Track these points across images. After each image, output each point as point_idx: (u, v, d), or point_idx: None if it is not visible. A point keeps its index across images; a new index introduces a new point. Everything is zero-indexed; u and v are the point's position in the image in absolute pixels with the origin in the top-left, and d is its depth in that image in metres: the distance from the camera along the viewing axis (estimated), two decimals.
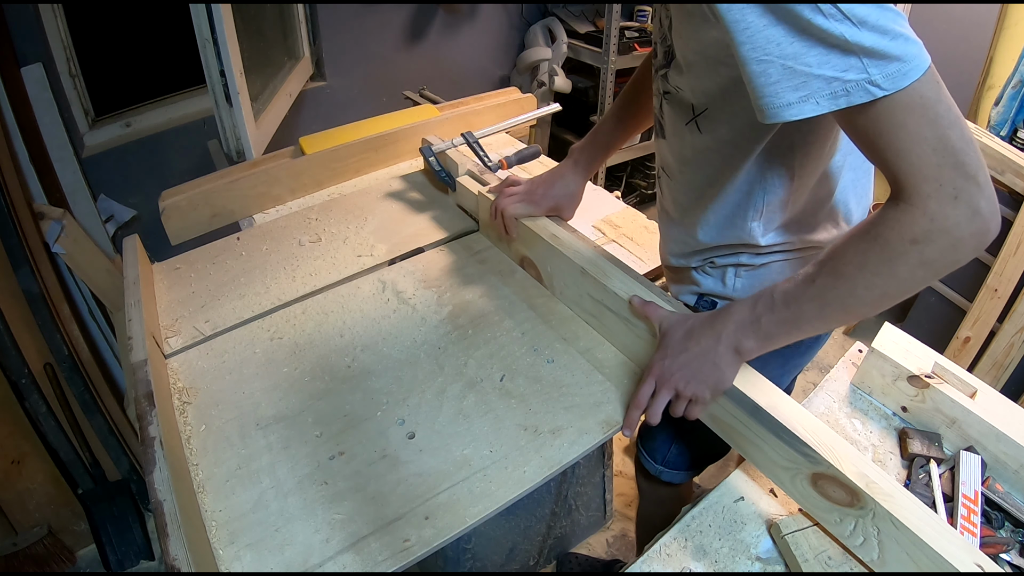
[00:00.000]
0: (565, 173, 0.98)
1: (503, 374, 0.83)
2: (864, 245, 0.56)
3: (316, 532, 0.65)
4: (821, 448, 0.62)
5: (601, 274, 0.84)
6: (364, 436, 0.75)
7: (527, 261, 0.99)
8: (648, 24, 2.48)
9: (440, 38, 2.37)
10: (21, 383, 1.38)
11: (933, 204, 0.50)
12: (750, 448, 0.70)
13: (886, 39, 0.47)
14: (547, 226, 0.95)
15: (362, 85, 2.24)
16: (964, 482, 0.74)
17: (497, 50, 2.59)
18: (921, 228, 0.51)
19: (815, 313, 0.60)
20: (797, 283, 0.61)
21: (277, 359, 0.87)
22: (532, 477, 0.70)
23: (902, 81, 0.47)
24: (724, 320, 0.67)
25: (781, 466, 0.67)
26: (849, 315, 0.60)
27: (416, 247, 1.07)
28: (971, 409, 0.77)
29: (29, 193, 1.57)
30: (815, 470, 0.63)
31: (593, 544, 1.58)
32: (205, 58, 1.22)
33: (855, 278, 0.56)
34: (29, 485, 1.49)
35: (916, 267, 0.53)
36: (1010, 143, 1.70)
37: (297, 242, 1.11)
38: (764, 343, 0.65)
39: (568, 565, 1.50)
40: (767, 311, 0.63)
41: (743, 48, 0.50)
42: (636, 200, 2.79)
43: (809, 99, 0.50)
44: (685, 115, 0.72)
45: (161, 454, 0.65)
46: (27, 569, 1.47)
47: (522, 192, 0.98)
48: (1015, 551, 0.70)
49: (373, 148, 1.34)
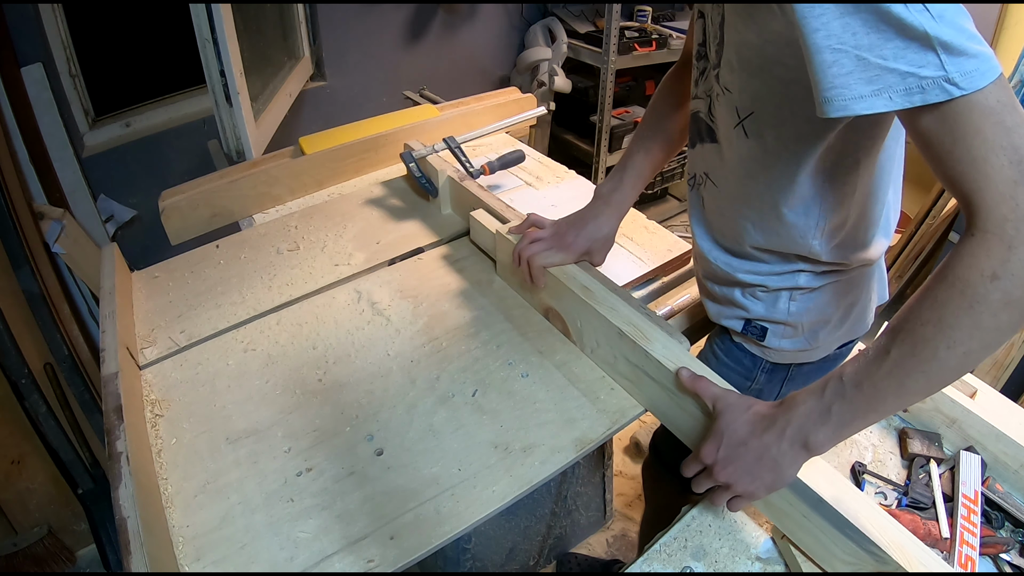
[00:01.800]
0: (598, 215, 0.90)
1: (476, 389, 0.81)
2: (941, 295, 0.49)
3: (281, 550, 0.64)
4: (891, 549, 0.57)
5: (642, 338, 0.76)
6: (333, 452, 0.74)
7: (552, 313, 0.91)
8: (648, 24, 2.49)
9: (440, 38, 2.37)
10: (21, 383, 1.38)
11: (1011, 228, 0.45)
12: (803, 535, 0.65)
13: (963, 37, 0.44)
14: (576, 275, 0.86)
15: (362, 85, 2.24)
16: (964, 482, 0.74)
17: (497, 50, 2.59)
18: (1000, 259, 0.46)
19: (893, 391, 0.53)
20: (869, 359, 0.55)
21: (250, 371, 0.85)
22: (500, 497, 0.68)
23: (980, 81, 0.45)
24: (788, 413, 0.59)
25: (841, 559, 0.62)
26: (931, 386, 0.53)
27: (394, 255, 1.05)
28: (971, 409, 0.77)
29: (29, 193, 1.57)
30: (881, 569, 0.59)
31: (593, 544, 1.58)
32: (205, 58, 1.22)
33: (935, 340, 0.49)
34: (29, 485, 1.49)
35: (1000, 310, 0.47)
36: None
37: (275, 250, 1.09)
38: (837, 434, 0.58)
39: (568, 565, 1.50)
40: (837, 398, 0.56)
41: (816, 36, 0.47)
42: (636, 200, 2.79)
43: (882, 93, 0.47)
44: (732, 118, 0.68)
45: (127, 470, 0.65)
46: (27, 569, 1.47)
47: (549, 237, 0.90)
48: (1015, 551, 0.70)
49: (373, 148, 1.34)
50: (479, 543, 1.29)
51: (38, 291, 1.44)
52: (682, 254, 1.06)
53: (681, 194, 3.01)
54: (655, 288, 1.05)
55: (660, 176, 2.73)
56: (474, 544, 1.28)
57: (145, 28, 1.90)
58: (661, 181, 2.76)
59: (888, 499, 0.75)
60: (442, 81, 2.38)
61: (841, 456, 0.80)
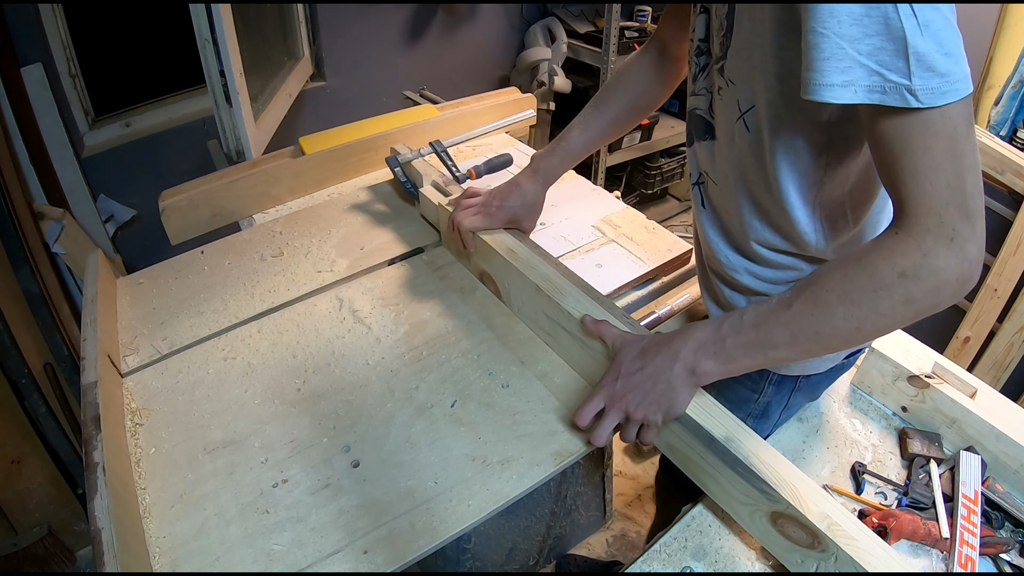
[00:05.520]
0: (522, 183, 0.93)
1: (455, 399, 0.80)
2: (852, 272, 0.54)
3: (255, 563, 0.64)
4: (781, 486, 0.59)
5: (556, 292, 0.81)
6: (308, 463, 0.73)
7: (487, 276, 0.96)
8: (648, 24, 2.49)
9: (440, 38, 2.38)
10: (21, 383, 1.38)
11: (929, 240, 0.50)
12: (707, 480, 0.68)
13: (940, 52, 0.46)
14: (504, 240, 0.90)
15: (362, 85, 2.24)
16: (964, 482, 0.74)
17: (497, 50, 2.59)
18: (912, 262, 0.50)
19: (786, 340, 0.57)
20: (771, 306, 0.58)
21: (229, 380, 0.84)
22: (476, 512, 0.67)
23: (938, 99, 0.46)
24: (683, 339, 0.63)
25: (739, 501, 0.64)
26: (821, 346, 0.57)
27: (377, 262, 1.04)
28: (971, 409, 0.77)
29: (29, 193, 1.58)
30: (774, 508, 0.61)
31: (593, 544, 1.58)
32: (205, 58, 1.22)
33: (835, 307, 0.54)
34: (29, 485, 1.49)
35: (899, 303, 0.52)
36: (1010, 143, 1.70)
37: (260, 256, 1.07)
38: (725, 367, 0.62)
39: (567, 567, 1.50)
40: (733, 332, 0.60)
41: (807, 14, 0.48)
42: (636, 200, 2.79)
43: (849, 86, 0.48)
44: (733, 112, 0.68)
45: (103, 480, 0.64)
46: (27, 569, 1.48)
47: (478, 204, 0.94)
48: (1015, 551, 0.70)
49: (373, 148, 1.34)
50: (479, 543, 1.29)
51: (38, 291, 1.44)
52: (682, 254, 1.06)
53: (681, 194, 3.01)
54: (655, 288, 1.05)
55: (660, 176, 2.73)
56: (474, 544, 1.28)
57: (145, 28, 1.90)
58: (661, 181, 2.76)
59: (888, 499, 0.75)
60: (442, 81, 2.38)
61: (841, 456, 0.80)
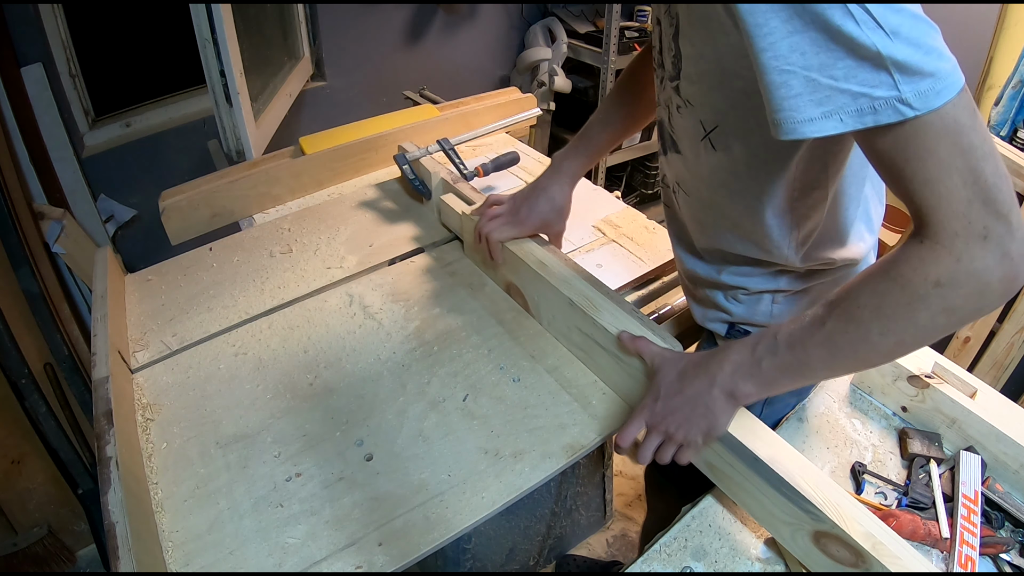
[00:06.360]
0: (548, 186, 0.91)
1: (467, 393, 0.81)
2: (882, 286, 0.51)
3: (269, 556, 0.64)
4: (826, 506, 0.59)
5: (590, 307, 0.79)
6: (322, 457, 0.74)
7: (513, 288, 0.93)
8: (648, 24, 2.49)
9: (440, 38, 2.37)
10: (21, 383, 1.38)
11: (960, 244, 0.46)
12: (747, 499, 0.67)
13: (920, 53, 0.43)
14: (533, 251, 0.88)
15: (362, 85, 2.24)
16: (964, 482, 0.74)
17: (497, 50, 2.59)
18: (946, 270, 0.47)
19: (823, 360, 0.56)
20: (804, 325, 0.56)
21: (240, 375, 0.85)
22: (490, 504, 0.68)
23: (934, 101, 0.44)
24: (720, 362, 0.62)
25: (781, 520, 0.64)
26: (860, 363, 0.56)
27: (386, 259, 1.05)
28: (971, 409, 0.77)
29: (29, 193, 1.58)
30: (818, 528, 0.60)
31: (593, 544, 1.58)
32: (205, 58, 1.22)
33: (870, 323, 0.52)
34: (29, 485, 1.49)
35: (938, 313, 0.49)
36: (1010, 143, 1.70)
37: (268, 253, 1.08)
38: (764, 389, 0.60)
39: (568, 567, 1.50)
40: (768, 354, 0.58)
41: (763, 56, 0.46)
42: (636, 200, 2.79)
43: (832, 115, 0.46)
44: (698, 132, 0.66)
45: (116, 475, 0.64)
46: (27, 569, 1.48)
47: (505, 213, 0.92)
48: (1015, 551, 0.70)
49: (373, 148, 1.34)
50: (479, 543, 1.29)
51: (38, 291, 1.44)
52: None
53: None
54: (655, 288, 1.05)
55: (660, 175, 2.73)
56: (474, 544, 1.28)
57: (145, 28, 1.90)
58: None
59: (888, 499, 0.75)
60: (442, 81, 2.38)
61: (841, 456, 0.80)
